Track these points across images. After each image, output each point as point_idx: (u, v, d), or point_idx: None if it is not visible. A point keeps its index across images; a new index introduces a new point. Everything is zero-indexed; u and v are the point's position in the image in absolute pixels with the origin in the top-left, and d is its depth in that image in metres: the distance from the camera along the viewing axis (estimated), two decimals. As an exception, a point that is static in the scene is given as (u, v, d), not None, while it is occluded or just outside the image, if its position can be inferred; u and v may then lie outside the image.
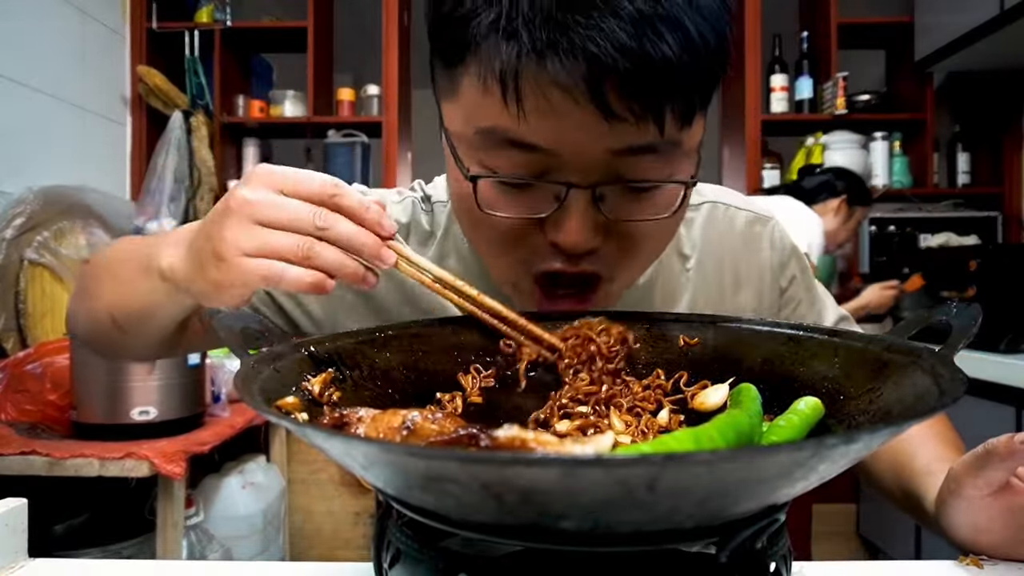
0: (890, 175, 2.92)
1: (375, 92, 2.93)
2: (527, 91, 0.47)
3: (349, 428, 0.39)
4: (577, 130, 0.48)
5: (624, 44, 0.44)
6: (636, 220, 0.53)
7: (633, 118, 0.47)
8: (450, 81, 0.53)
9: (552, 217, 0.52)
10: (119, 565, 0.61)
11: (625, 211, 0.53)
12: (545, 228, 0.53)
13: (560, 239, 0.52)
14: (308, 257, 0.47)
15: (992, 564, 0.56)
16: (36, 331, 1.98)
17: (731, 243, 0.75)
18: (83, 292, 0.69)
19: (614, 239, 0.54)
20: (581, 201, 0.51)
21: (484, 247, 0.59)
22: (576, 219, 0.51)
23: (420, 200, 0.74)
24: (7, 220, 1.95)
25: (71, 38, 2.35)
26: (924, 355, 0.42)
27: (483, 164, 0.52)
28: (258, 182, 0.48)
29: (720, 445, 0.39)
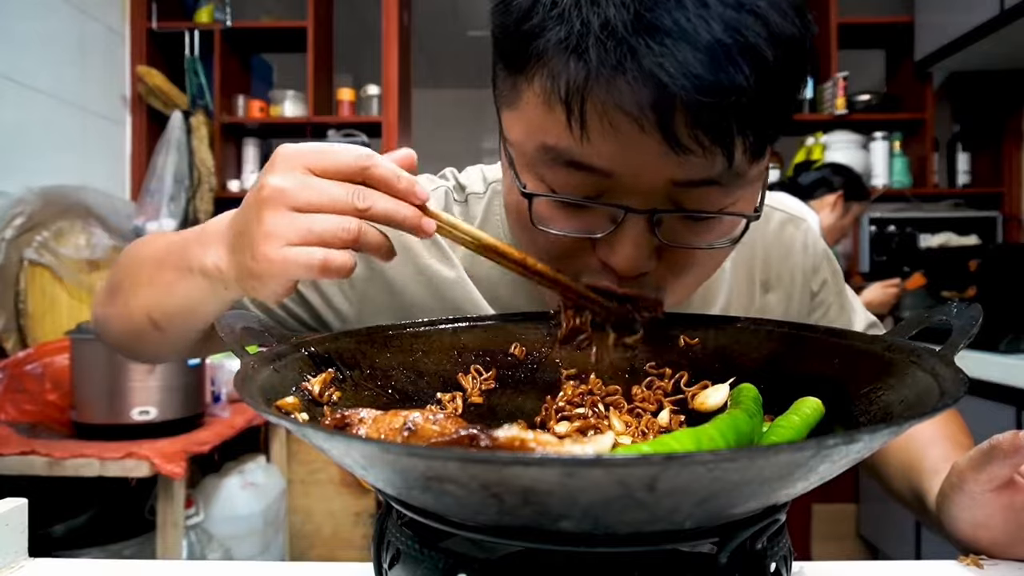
0: (890, 175, 2.92)
1: (375, 92, 2.93)
2: (591, 113, 0.45)
3: (351, 429, 0.39)
4: (640, 157, 0.46)
5: (696, 73, 0.42)
6: (693, 248, 0.52)
7: (701, 150, 0.45)
8: (513, 90, 0.51)
9: (606, 238, 0.50)
10: (119, 565, 0.61)
11: (682, 237, 0.51)
12: (598, 247, 0.52)
13: (613, 261, 0.51)
14: (356, 240, 0.46)
15: (992, 564, 0.56)
16: (36, 331, 1.98)
17: (764, 243, 0.74)
18: (114, 295, 0.67)
19: (666, 262, 0.53)
20: (638, 226, 0.49)
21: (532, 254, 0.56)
22: (630, 243, 0.49)
23: (453, 189, 0.73)
24: (7, 220, 1.95)
25: (71, 38, 2.35)
26: (925, 355, 0.42)
27: (541, 179, 0.51)
28: (286, 165, 0.46)
29: (720, 445, 0.39)
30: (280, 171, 0.46)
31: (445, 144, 4.18)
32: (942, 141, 3.02)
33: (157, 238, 0.67)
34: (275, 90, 3.04)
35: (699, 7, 0.42)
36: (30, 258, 1.99)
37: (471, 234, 0.51)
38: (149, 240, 0.68)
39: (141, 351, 0.70)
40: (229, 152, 2.92)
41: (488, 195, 0.72)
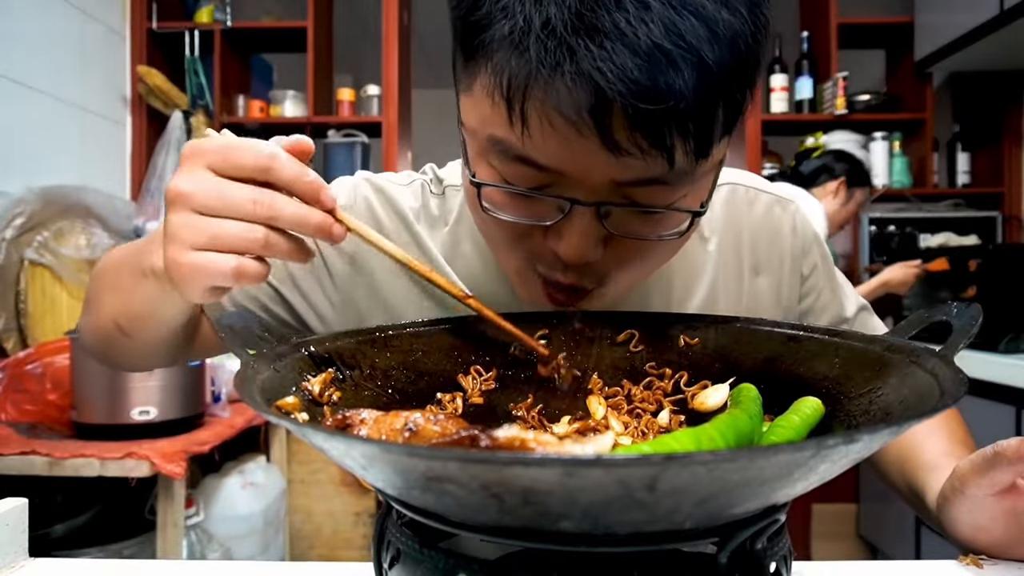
0: (890, 175, 2.92)
1: (375, 92, 2.93)
2: (532, 112, 0.45)
3: (352, 430, 0.39)
4: (582, 157, 0.46)
5: (633, 77, 0.41)
6: (640, 238, 0.52)
7: (640, 152, 0.44)
8: (467, 76, 0.50)
9: (555, 227, 0.51)
10: (119, 565, 0.61)
11: (630, 229, 0.51)
12: (547, 235, 0.52)
13: (560, 250, 0.51)
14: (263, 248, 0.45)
15: (992, 564, 0.56)
16: (36, 331, 1.98)
17: (751, 225, 0.73)
18: (87, 305, 0.68)
19: (614, 252, 0.53)
20: (585, 217, 0.49)
21: (490, 240, 0.58)
22: (577, 234, 0.50)
23: (431, 183, 0.73)
24: (7, 220, 1.95)
25: (71, 38, 2.35)
26: (925, 355, 0.42)
27: (492, 167, 0.51)
28: (191, 164, 0.46)
29: (720, 445, 0.39)
30: (184, 171, 0.46)
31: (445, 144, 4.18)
32: (942, 141, 3.02)
33: (122, 247, 0.68)
34: (275, 90, 3.04)
35: (640, 9, 0.41)
36: (30, 258, 1.98)
37: (381, 247, 0.51)
38: (116, 250, 0.68)
39: (115, 359, 0.70)
40: (229, 152, 2.91)
41: None
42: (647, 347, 0.57)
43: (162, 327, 0.61)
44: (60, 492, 1.75)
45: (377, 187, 0.72)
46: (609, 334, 0.58)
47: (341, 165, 2.82)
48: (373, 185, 0.72)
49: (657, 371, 0.57)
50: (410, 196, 0.72)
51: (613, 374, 0.57)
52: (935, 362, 0.41)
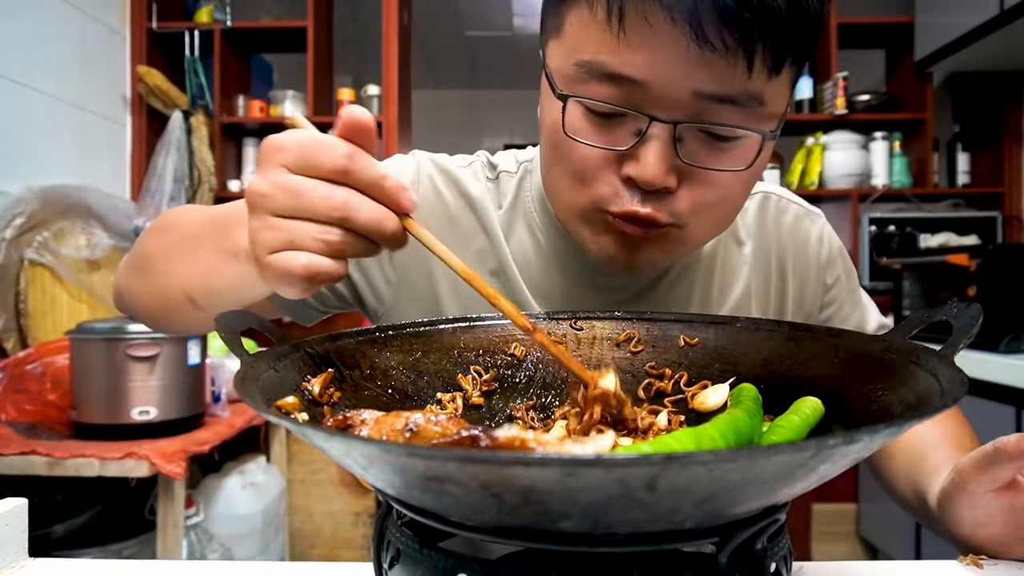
0: (890, 175, 2.92)
1: (375, 92, 2.93)
2: (630, 11, 0.50)
3: (353, 430, 0.39)
4: (670, 61, 0.50)
5: None
6: (711, 168, 0.54)
7: (724, 49, 0.49)
8: (557, 18, 0.56)
9: (631, 151, 0.54)
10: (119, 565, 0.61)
11: (702, 158, 0.54)
12: (624, 164, 0.55)
13: (636, 172, 0.54)
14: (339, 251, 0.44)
15: (992, 564, 0.56)
16: (36, 331, 1.98)
17: (781, 234, 0.77)
18: (144, 270, 0.65)
19: (687, 188, 0.55)
20: (661, 138, 0.53)
21: (560, 179, 0.59)
22: (653, 154, 0.53)
23: (484, 166, 0.75)
24: (7, 220, 1.95)
25: (71, 38, 2.35)
26: (925, 355, 0.42)
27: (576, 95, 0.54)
28: (268, 163, 0.45)
29: (720, 445, 0.39)
30: (262, 172, 0.45)
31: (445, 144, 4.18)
32: (942, 141, 3.02)
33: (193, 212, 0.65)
34: (275, 90, 3.04)
35: None
36: (30, 258, 1.99)
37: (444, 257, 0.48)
38: (184, 213, 0.66)
39: (174, 326, 0.68)
40: (229, 152, 2.92)
41: (520, 174, 0.74)
42: (647, 347, 0.57)
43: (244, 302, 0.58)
44: (60, 492, 1.75)
45: (441, 167, 0.74)
46: (609, 334, 0.58)
47: (341, 165, 2.82)
48: (437, 165, 0.74)
49: (657, 371, 0.57)
50: (472, 178, 0.73)
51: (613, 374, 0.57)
52: (935, 362, 0.41)
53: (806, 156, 2.98)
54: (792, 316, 0.76)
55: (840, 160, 2.92)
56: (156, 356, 1.59)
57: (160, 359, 1.60)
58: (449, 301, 0.71)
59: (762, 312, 0.75)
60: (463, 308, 0.70)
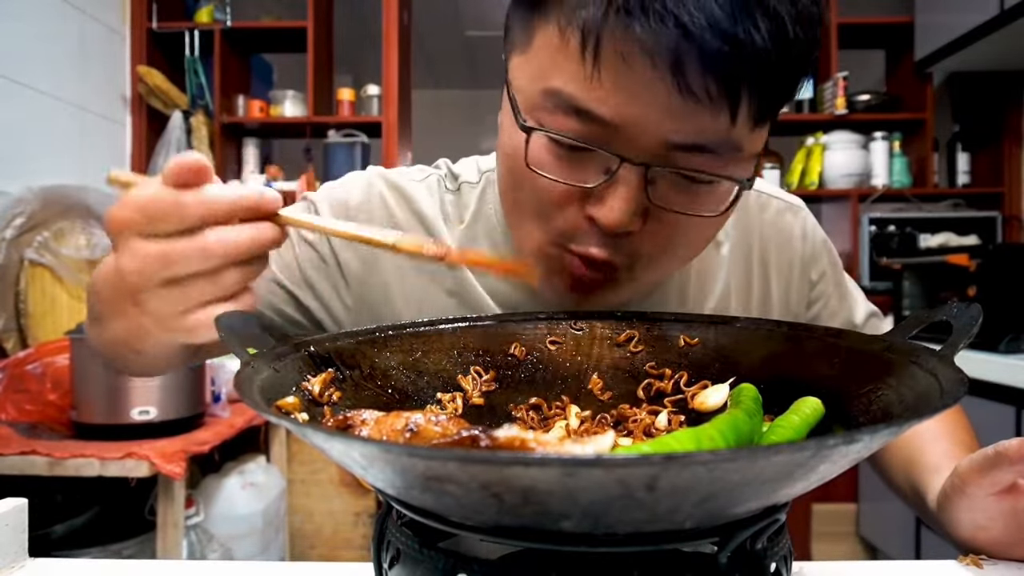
0: (890, 175, 2.92)
1: (375, 92, 2.93)
2: (607, 48, 0.45)
3: (353, 430, 0.39)
4: (644, 107, 0.46)
5: (717, 21, 0.43)
6: (683, 213, 0.51)
7: (708, 100, 0.45)
8: (525, 32, 0.52)
9: (598, 191, 0.50)
10: (119, 565, 0.61)
11: (673, 200, 0.51)
12: (588, 203, 0.52)
13: (601, 215, 0.50)
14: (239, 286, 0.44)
15: (992, 564, 0.56)
16: (36, 331, 1.98)
17: (762, 230, 0.74)
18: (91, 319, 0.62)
19: (652, 227, 0.52)
20: (631, 179, 0.49)
21: (520, 213, 0.56)
22: (620, 198, 0.49)
23: (445, 178, 0.72)
24: (7, 220, 1.95)
25: (71, 38, 2.35)
26: (925, 355, 0.42)
27: (541, 125, 0.50)
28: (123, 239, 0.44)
29: (720, 445, 0.39)
30: (122, 250, 0.44)
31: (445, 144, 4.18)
32: (942, 141, 3.02)
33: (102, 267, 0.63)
34: (275, 90, 3.04)
35: None
36: (30, 258, 1.99)
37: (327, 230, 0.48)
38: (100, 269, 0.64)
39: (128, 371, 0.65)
40: (229, 152, 2.92)
41: (482, 184, 0.71)
42: (647, 347, 0.57)
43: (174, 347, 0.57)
44: (60, 492, 1.75)
45: (392, 184, 0.71)
46: (609, 334, 0.58)
47: (341, 165, 2.82)
48: (388, 182, 0.71)
49: (657, 371, 0.57)
50: (426, 193, 0.71)
51: (613, 374, 0.57)
52: (935, 362, 0.41)
53: (806, 156, 2.98)
54: (778, 314, 0.74)
55: (840, 160, 2.92)
56: (156, 356, 1.59)
57: (160, 359, 1.59)
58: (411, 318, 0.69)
59: (744, 312, 0.72)
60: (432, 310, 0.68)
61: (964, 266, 2.22)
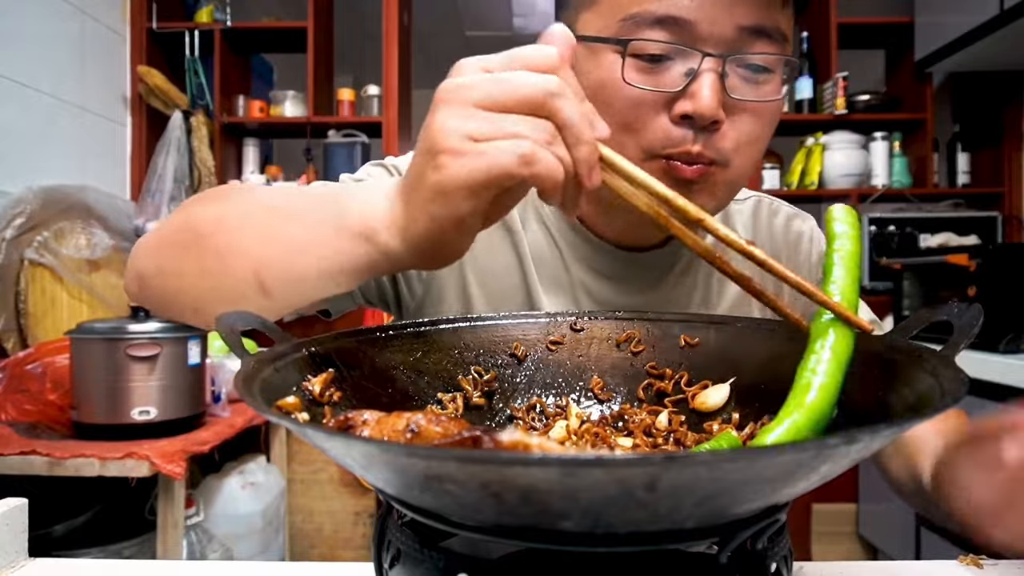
0: (890, 175, 2.92)
1: (375, 92, 2.93)
2: None
3: (354, 431, 0.39)
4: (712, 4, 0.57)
5: None
6: (754, 101, 0.60)
7: None
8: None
9: (685, 90, 0.58)
10: (119, 565, 0.61)
11: (744, 92, 0.60)
12: (673, 106, 0.59)
13: (693, 107, 0.58)
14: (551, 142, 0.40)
15: (992, 564, 0.56)
16: (36, 331, 1.98)
17: (774, 235, 0.80)
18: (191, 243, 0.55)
19: (730, 124, 0.60)
20: (712, 73, 0.58)
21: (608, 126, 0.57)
22: (708, 87, 0.57)
23: None
24: (7, 220, 1.95)
25: (71, 38, 2.35)
26: (925, 355, 0.42)
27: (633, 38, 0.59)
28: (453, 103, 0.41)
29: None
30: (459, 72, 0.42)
31: (445, 144, 4.18)
32: (942, 141, 3.01)
33: (267, 188, 0.60)
34: (275, 90, 3.04)
35: None
36: (30, 258, 1.98)
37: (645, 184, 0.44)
38: (253, 189, 0.59)
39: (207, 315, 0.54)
40: (229, 152, 2.92)
41: None
42: (647, 347, 0.57)
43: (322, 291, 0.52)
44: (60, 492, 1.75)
45: None
46: (609, 334, 0.58)
47: (341, 165, 2.82)
48: None
49: (657, 371, 0.57)
50: None
51: (613, 374, 0.57)
52: (936, 362, 0.41)
53: (806, 156, 2.98)
54: None
55: (840, 160, 2.91)
56: (156, 356, 1.59)
57: (160, 359, 1.60)
58: (477, 293, 0.73)
59: (761, 312, 0.75)
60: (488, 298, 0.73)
61: (964, 266, 2.22)
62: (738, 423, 0.52)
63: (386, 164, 0.76)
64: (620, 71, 0.59)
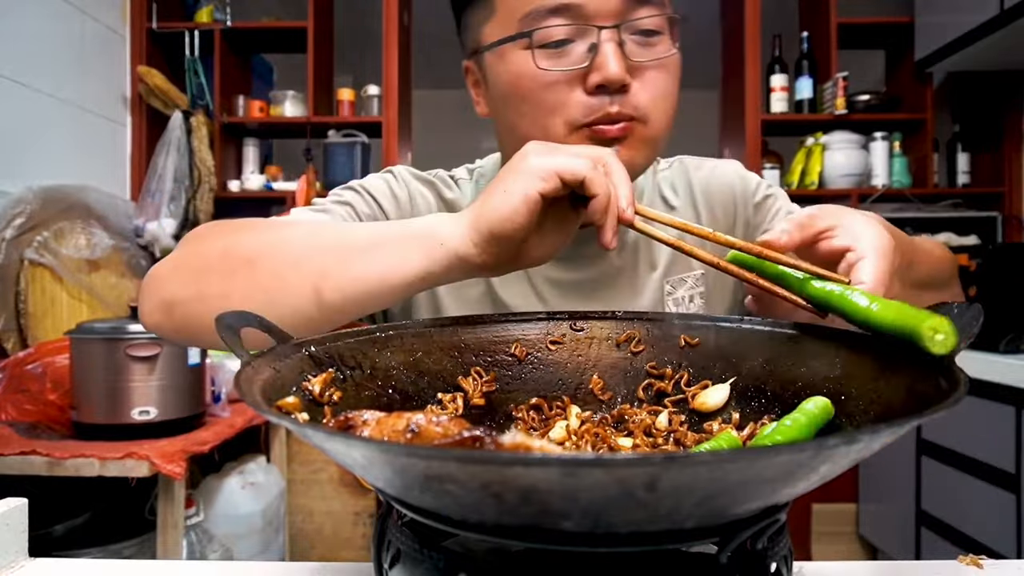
0: (890, 175, 2.92)
1: (375, 92, 2.93)
2: None
3: (354, 431, 0.39)
4: None
5: None
6: (651, 60, 0.68)
7: None
8: (484, 6, 0.71)
9: (591, 64, 0.66)
10: (119, 565, 0.61)
11: (642, 53, 0.68)
12: (585, 80, 0.66)
13: (603, 73, 0.65)
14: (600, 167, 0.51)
15: (992, 564, 0.56)
16: (36, 331, 1.98)
17: (701, 182, 0.85)
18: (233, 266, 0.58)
19: (638, 83, 0.67)
20: (610, 42, 0.66)
21: (533, 122, 0.69)
22: (611, 55, 0.65)
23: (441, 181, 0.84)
24: (7, 220, 1.95)
25: (71, 38, 2.35)
26: (925, 355, 0.42)
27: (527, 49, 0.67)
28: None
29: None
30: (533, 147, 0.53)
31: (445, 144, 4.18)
32: (942, 141, 3.01)
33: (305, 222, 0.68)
34: (275, 90, 3.04)
35: None
36: (30, 258, 1.99)
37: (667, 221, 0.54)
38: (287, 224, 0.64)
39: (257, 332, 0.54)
40: (229, 152, 2.92)
41: (474, 179, 0.85)
42: (647, 347, 0.57)
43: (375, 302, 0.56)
44: (60, 492, 1.75)
45: (417, 176, 0.84)
46: (609, 334, 0.58)
47: (341, 165, 2.82)
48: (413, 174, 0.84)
49: (657, 371, 0.57)
50: (443, 186, 0.83)
51: (613, 374, 0.57)
52: (936, 362, 0.41)
53: (806, 156, 2.98)
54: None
55: (840, 160, 2.91)
56: (156, 356, 1.59)
57: (160, 359, 1.60)
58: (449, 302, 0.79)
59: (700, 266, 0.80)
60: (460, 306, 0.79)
61: (964, 266, 2.22)
62: (738, 423, 0.52)
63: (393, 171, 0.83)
64: (532, 62, 0.67)
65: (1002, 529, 1.78)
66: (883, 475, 2.45)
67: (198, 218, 2.64)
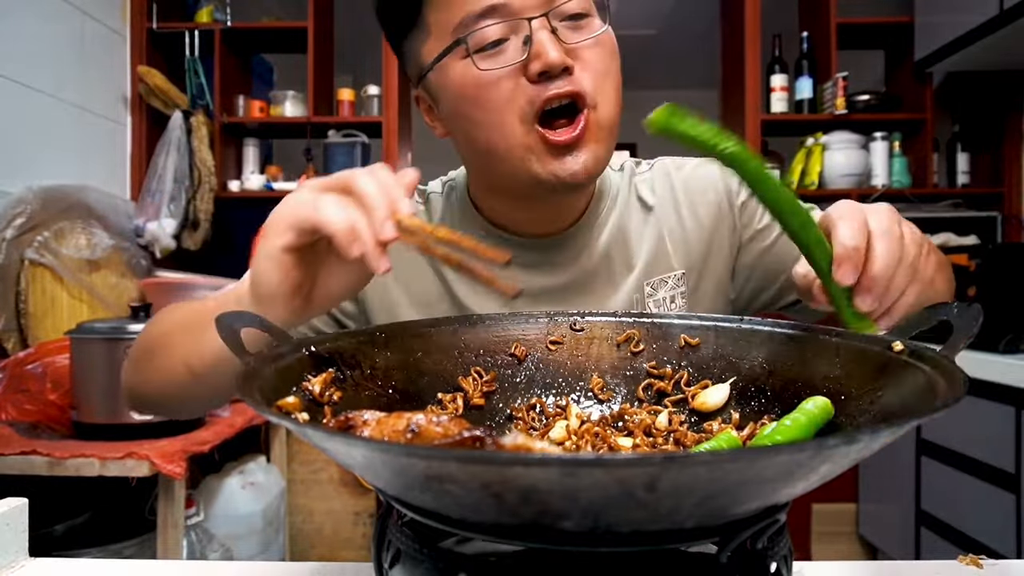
0: (890, 175, 2.92)
1: (375, 92, 2.93)
2: None
3: (355, 431, 0.39)
4: None
5: None
6: (585, 40, 0.69)
7: None
8: (419, 30, 0.72)
9: (530, 55, 0.67)
10: (119, 565, 0.61)
11: (574, 37, 0.69)
12: (527, 70, 0.67)
13: (544, 60, 0.66)
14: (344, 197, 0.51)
15: (992, 564, 0.56)
16: (37, 331, 1.98)
17: (683, 181, 0.84)
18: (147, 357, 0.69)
19: (579, 65, 0.69)
20: (543, 31, 0.67)
21: (491, 125, 0.69)
22: (546, 41, 0.67)
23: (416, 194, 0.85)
24: (7, 220, 1.95)
25: (71, 38, 2.35)
26: (925, 355, 0.42)
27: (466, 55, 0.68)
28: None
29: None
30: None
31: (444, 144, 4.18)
32: (942, 141, 3.01)
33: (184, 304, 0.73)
34: (275, 90, 3.03)
35: None
36: (30, 258, 1.98)
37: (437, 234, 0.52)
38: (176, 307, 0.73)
39: (177, 404, 0.73)
40: (229, 152, 2.91)
41: (445, 191, 0.85)
42: (647, 347, 0.57)
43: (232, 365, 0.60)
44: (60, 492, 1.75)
45: None
46: (609, 334, 0.58)
47: (341, 165, 2.82)
48: None
49: (657, 371, 0.57)
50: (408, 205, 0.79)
51: (613, 374, 0.57)
52: (935, 362, 0.41)
53: (806, 156, 2.98)
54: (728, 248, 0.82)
55: (840, 160, 2.91)
56: (156, 356, 1.59)
57: (160, 359, 1.59)
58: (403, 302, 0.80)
59: (684, 254, 0.81)
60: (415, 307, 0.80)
61: (964, 266, 2.22)
62: (738, 423, 0.52)
63: None
64: (473, 67, 0.68)
65: (1002, 529, 1.78)
66: (883, 475, 2.45)
67: (198, 218, 2.64)
